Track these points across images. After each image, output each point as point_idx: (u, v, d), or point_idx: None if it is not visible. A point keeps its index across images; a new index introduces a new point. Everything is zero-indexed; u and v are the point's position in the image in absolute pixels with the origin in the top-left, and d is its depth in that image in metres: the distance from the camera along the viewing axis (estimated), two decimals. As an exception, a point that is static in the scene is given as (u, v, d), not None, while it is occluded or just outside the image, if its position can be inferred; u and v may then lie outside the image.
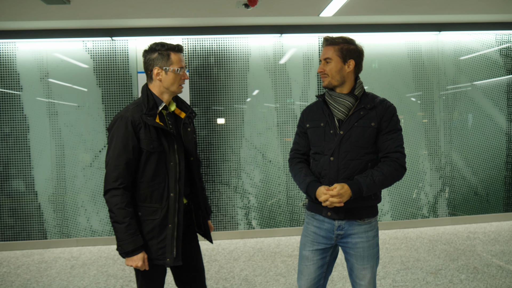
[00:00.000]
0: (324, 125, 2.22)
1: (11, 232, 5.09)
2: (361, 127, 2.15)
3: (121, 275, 4.15)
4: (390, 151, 2.17)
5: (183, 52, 2.24)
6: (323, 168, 2.19)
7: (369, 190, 2.09)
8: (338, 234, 2.21)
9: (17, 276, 4.21)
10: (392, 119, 2.19)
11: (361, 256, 2.20)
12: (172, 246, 2.14)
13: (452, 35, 5.50)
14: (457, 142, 5.55)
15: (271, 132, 5.32)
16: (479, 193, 5.60)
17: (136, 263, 2.09)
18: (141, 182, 2.14)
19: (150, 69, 2.18)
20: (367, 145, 2.16)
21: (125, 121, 2.10)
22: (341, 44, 2.19)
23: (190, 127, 2.31)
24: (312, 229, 2.28)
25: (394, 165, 2.14)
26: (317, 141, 2.24)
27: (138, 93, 5.05)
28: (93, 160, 5.15)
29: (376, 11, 4.68)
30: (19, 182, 5.09)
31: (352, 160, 2.14)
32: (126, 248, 2.06)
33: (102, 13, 4.42)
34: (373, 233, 2.24)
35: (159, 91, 2.20)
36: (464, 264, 4.12)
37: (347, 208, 2.16)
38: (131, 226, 2.06)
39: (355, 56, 2.20)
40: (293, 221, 5.38)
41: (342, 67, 2.18)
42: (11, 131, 5.05)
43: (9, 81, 5.04)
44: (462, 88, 5.53)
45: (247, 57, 5.26)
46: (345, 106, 2.19)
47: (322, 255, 2.27)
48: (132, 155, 2.09)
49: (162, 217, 2.14)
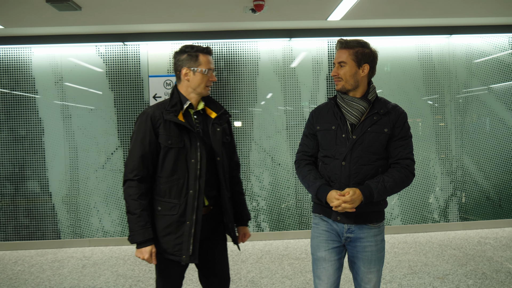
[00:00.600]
0: (335, 129, 2.18)
1: (26, 231, 5.23)
2: (375, 132, 2.13)
3: (131, 275, 4.23)
4: (401, 158, 2.16)
5: (212, 54, 2.28)
6: (334, 172, 2.16)
7: (380, 196, 2.09)
8: (347, 236, 2.19)
9: (30, 274, 4.33)
10: (404, 125, 2.18)
11: (369, 259, 2.18)
12: (189, 243, 2.15)
13: (464, 38, 5.45)
14: (469, 146, 5.50)
15: (280, 135, 5.36)
16: (492, 198, 5.53)
17: (143, 255, 2.13)
18: (160, 176, 2.19)
19: (179, 69, 2.24)
20: (379, 150, 2.15)
21: (145, 117, 2.18)
22: (356, 48, 2.16)
23: (220, 127, 2.30)
24: (324, 228, 2.24)
25: (405, 172, 2.14)
26: (328, 145, 2.20)
27: (149, 97, 5.15)
28: (106, 162, 5.26)
29: (384, 14, 4.68)
30: (34, 183, 5.23)
31: (364, 166, 2.13)
32: (136, 239, 2.12)
33: (114, 19, 4.53)
34: (381, 237, 2.23)
35: (186, 91, 2.25)
36: (472, 270, 4.08)
37: (358, 213, 2.13)
38: (141, 218, 2.11)
39: (370, 60, 2.18)
40: (302, 224, 5.40)
41: (356, 71, 2.15)
42: (26, 134, 5.20)
43: (25, 85, 5.19)
44: (474, 92, 5.48)
45: (257, 61, 5.31)
46: (358, 111, 2.16)
47: (339, 255, 2.23)
48: (148, 149, 2.15)
49: (180, 214, 2.16)
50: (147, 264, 4.51)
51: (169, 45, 5.25)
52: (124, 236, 5.26)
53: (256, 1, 3.90)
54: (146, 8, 4.20)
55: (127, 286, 3.94)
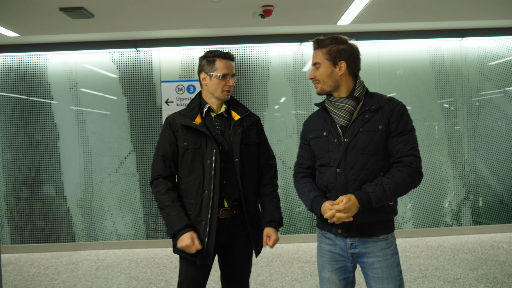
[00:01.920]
0: (327, 134, 2.03)
1: (42, 234, 5.35)
2: (367, 131, 1.93)
3: (143, 277, 4.29)
4: (403, 155, 1.92)
5: (232, 59, 2.30)
6: (330, 181, 1.99)
7: (379, 200, 1.87)
8: (352, 253, 2.00)
9: (45, 276, 4.43)
10: (402, 118, 1.95)
11: (380, 278, 1.96)
12: (203, 243, 2.17)
13: (476, 41, 5.41)
14: (482, 149, 5.45)
15: (291, 139, 5.38)
16: (505, 202, 5.47)
17: (186, 242, 2.12)
18: (180, 177, 2.29)
19: (199, 74, 2.33)
20: (376, 151, 1.93)
21: (166, 122, 2.32)
22: (329, 46, 2.00)
23: (241, 129, 2.29)
24: (327, 248, 2.08)
25: (407, 171, 1.89)
26: (321, 152, 2.04)
27: (161, 102, 5.23)
28: (119, 166, 5.35)
29: (393, 18, 4.68)
30: (49, 187, 5.35)
31: (361, 170, 1.93)
32: (173, 229, 2.15)
33: (126, 26, 4.62)
34: (391, 251, 1.99)
35: (206, 95, 2.33)
36: (484, 274, 4.04)
37: (359, 224, 1.95)
38: (174, 208, 2.18)
39: (346, 57, 2.00)
40: (313, 227, 5.41)
41: (332, 71, 2.00)
42: (42, 139, 5.32)
43: (41, 91, 5.32)
44: (487, 95, 5.43)
45: (267, 65, 5.35)
46: (345, 111, 1.98)
47: (345, 275, 2.05)
48: (168, 150, 2.26)
49: (196, 213, 2.21)
50: (159, 267, 4.58)
51: (181, 51, 5.33)
52: (137, 239, 5.34)
53: (265, 6, 3.94)
54: (157, 15, 4.28)
55: (139, 288, 4.01)
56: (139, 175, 5.34)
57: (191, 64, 5.33)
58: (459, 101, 5.42)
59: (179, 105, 5.18)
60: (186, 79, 5.29)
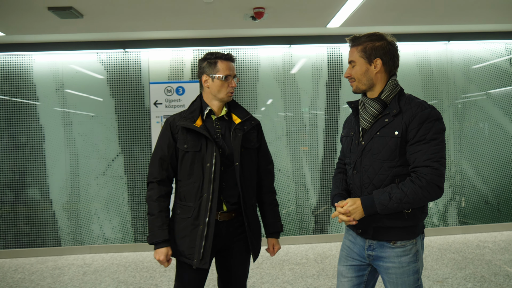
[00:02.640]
0: (353, 135, 2.05)
1: (27, 239, 5.23)
2: (383, 137, 1.89)
3: (132, 281, 4.23)
4: (418, 165, 1.82)
5: (233, 61, 2.30)
6: (350, 182, 2.05)
7: (385, 208, 1.83)
8: (369, 254, 2.00)
9: (31, 282, 4.33)
10: (423, 126, 1.83)
11: (394, 283, 1.94)
12: (200, 247, 2.16)
13: (462, 45, 5.51)
14: (467, 151, 5.54)
15: (280, 141, 5.39)
16: (490, 202, 5.57)
17: (159, 256, 2.17)
18: (179, 180, 2.27)
19: (200, 76, 2.31)
20: (390, 157, 1.87)
21: (166, 123, 2.29)
22: (364, 43, 1.96)
23: (242, 133, 2.27)
24: (347, 243, 2.11)
25: (419, 182, 1.80)
26: (346, 152, 2.10)
27: (150, 104, 5.17)
28: (106, 169, 5.28)
29: (382, 22, 4.73)
30: (34, 190, 5.24)
31: (375, 175, 1.91)
32: (153, 239, 2.19)
33: (115, 26, 4.57)
34: (409, 259, 1.93)
35: (208, 97, 2.31)
36: (471, 273, 4.11)
37: (375, 227, 1.94)
38: (158, 220, 2.19)
39: (382, 54, 1.95)
40: (302, 229, 5.42)
41: (367, 69, 1.96)
42: (27, 141, 5.21)
43: (26, 92, 5.21)
44: (472, 97, 5.53)
45: (257, 67, 5.35)
46: (369, 114, 1.95)
47: (358, 273, 2.06)
48: (166, 153, 2.24)
49: (194, 217, 2.19)
50: (148, 271, 4.52)
51: (170, 52, 5.29)
52: (125, 242, 5.27)
53: (257, 8, 3.95)
54: (147, 16, 4.24)
55: (129, 293, 3.95)
56: (127, 178, 5.28)
57: (180, 65, 5.30)
58: (445, 104, 5.51)
59: (168, 107, 5.14)
60: (175, 80, 5.26)
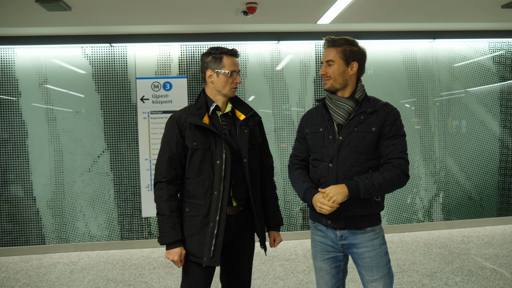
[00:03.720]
0: (323, 130, 2.15)
1: (9, 237, 5.10)
2: (361, 132, 2.06)
3: (121, 279, 4.17)
4: (392, 157, 2.06)
5: (237, 56, 2.29)
6: (322, 175, 2.11)
7: (367, 192, 1.99)
8: (342, 244, 2.13)
9: (16, 281, 4.22)
10: (395, 123, 2.09)
11: (370, 266, 2.10)
12: (210, 245, 2.14)
13: (446, 43, 5.60)
14: (452, 147, 5.65)
15: (268, 137, 5.37)
16: (473, 198, 5.69)
17: (173, 257, 2.15)
18: (188, 178, 2.23)
19: (204, 71, 2.27)
20: (367, 151, 2.06)
21: (172, 120, 2.24)
22: (343, 46, 2.11)
23: (248, 129, 2.28)
24: (319, 239, 2.22)
25: (396, 171, 2.03)
26: (316, 147, 2.17)
27: (137, 99, 5.09)
28: (92, 165, 5.18)
29: (372, 19, 4.76)
30: (17, 187, 5.10)
31: (352, 167, 2.06)
32: (165, 240, 2.15)
33: (102, 20, 4.47)
34: (379, 241, 2.12)
35: (212, 93, 2.28)
36: (459, 267, 4.19)
37: (347, 216, 2.08)
38: (171, 219, 2.16)
39: (358, 58, 2.13)
40: (290, 225, 5.43)
41: (345, 70, 2.11)
42: (9, 137, 5.07)
43: (8, 87, 5.06)
44: (456, 95, 5.63)
45: (245, 63, 5.33)
46: (345, 110, 2.10)
47: (335, 264, 2.19)
48: (175, 151, 2.20)
49: (204, 214, 2.17)
50: (137, 268, 4.46)
51: (157, 47, 5.21)
52: (111, 240, 5.18)
53: (249, 3, 3.92)
54: (136, 9, 4.16)
55: (118, 291, 3.89)
56: (113, 174, 5.19)
57: (167, 60, 5.23)
58: (430, 101, 5.59)
59: (155, 103, 5.07)
60: (162, 76, 5.19)
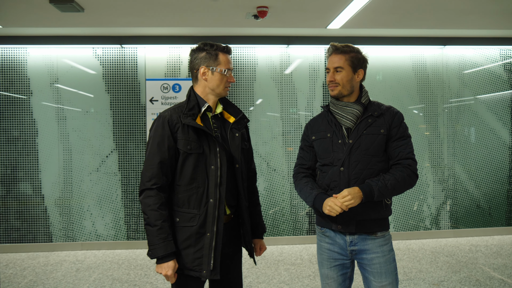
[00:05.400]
0: (331, 136, 2.16)
1: (17, 234, 5.14)
2: (371, 134, 2.10)
3: (126, 279, 4.19)
4: (402, 158, 2.10)
5: (231, 54, 2.16)
6: (333, 180, 2.12)
7: (381, 194, 2.02)
8: (352, 250, 2.13)
9: (23, 277, 4.26)
10: (401, 125, 2.15)
11: (379, 272, 2.10)
12: (209, 257, 1.99)
13: (457, 49, 5.57)
14: (461, 155, 5.60)
15: (276, 141, 5.38)
16: (482, 207, 5.64)
17: (166, 271, 1.95)
18: (178, 185, 2.04)
19: (197, 68, 2.09)
20: (377, 153, 2.10)
21: (162, 121, 2.03)
22: (351, 53, 2.15)
23: (239, 133, 2.16)
24: (326, 246, 2.21)
25: (407, 171, 2.07)
26: (325, 153, 2.17)
27: (146, 100, 5.13)
28: (100, 165, 5.21)
29: (382, 24, 4.76)
30: (26, 185, 5.15)
31: (364, 170, 2.08)
32: (157, 253, 1.94)
33: (113, 21, 4.51)
34: (388, 247, 2.14)
35: (204, 92, 2.11)
36: (466, 276, 4.15)
37: (358, 221, 2.09)
38: (163, 230, 1.94)
39: (364, 66, 2.19)
40: (296, 229, 5.42)
41: (352, 77, 2.15)
42: (20, 135, 5.12)
43: (20, 85, 5.12)
44: (466, 102, 5.59)
45: (254, 66, 5.34)
46: (353, 115, 2.14)
47: (342, 271, 2.19)
48: (167, 155, 2.00)
49: (199, 224, 2.00)
50: (142, 268, 4.48)
51: (166, 49, 5.24)
52: (118, 240, 5.21)
53: (260, 7, 3.93)
54: (147, 12, 4.19)
55: (123, 291, 3.91)
56: (121, 175, 5.22)
57: (177, 62, 5.25)
58: (440, 107, 5.56)
59: (164, 104, 5.10)
60: (172, 77, 5.21)
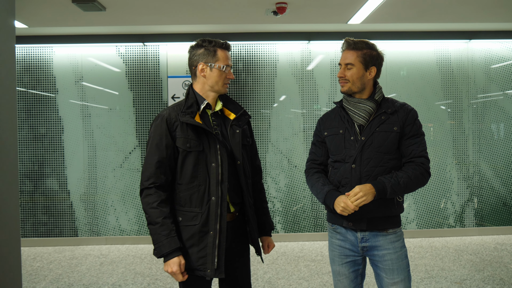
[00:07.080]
0: (343, 132, 2.14)
1: (44, 228, 5.30)
2: (383, 132, 2.07)
3: (148, 273, 4.27)
4: (415, 156, 2.07)
5: (230, 50, 2.14)
6: (344, 176, 2.10)
7: (393, 191, 1.99)
8: (363, 246, 2.12)
9: (49, 270, 4.39)
10: (415, 123, 2.11)
11: (390, 269, 2.08)
12: (213, 255, 1.96)
13: (483, 43, 5.43)
14: (486, 151, 5.47)
15: (297, 137, 5.38)
16: (508, 204, 5.50)
17: (172, 268, 1.91)
18: (180, 184, 2.03)
19: (195, 64, 2.08)
20: (390, 150, 2.07)
21: (160, 120, 2.02)
22: (364, 50, 2.11)
23: (240, 129, 2.13)
24: (337, 243, 2.20)
25: (420, 169, 2.04)
26: (337, 149, 2.15)
27: (168, 97, 5.19)
28: (123, 161, 5.31)
29: (404, 19, 4.68)
30: (52, 181, 5.30)
31: (376, 167, 2.06)
32: (162, 251, 1.92)
33: (135, 20, 4.58)
34: (400, 244, 2.12)
35: (202, 89, 2.09)
36: (490, 275, 4.06)
37: (369, 218, 2.07)
38: (165, 227, 1.92)
39: (377, 63, 2.15)
40: (317, 226, 5.41)
41: (363, 74, 2.11)
42: (46, 132, 5.27)
43: (46, 84, 5.26)
44: (493, 97, 5.46)
45: (275, 63, 5.34)
46: (365, 111, 2.12)
47: (354, 268, 2.17)
48: (165, 154, 1.98)
49: (202, 223, 1.98)
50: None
51: (188, 46, 5.26)
52: (141, 235, 5.31)
53: (279, 3, 3.92)
54: (169, 10, 4.24)
55: (145, 284, 3.97)
56: (144, 171, 5.30)
57: (198, 60, 5.29)
58: (465, 103, 5.44)
59: (186, 101, 5.15)
60: (193, 75, 5.25)
